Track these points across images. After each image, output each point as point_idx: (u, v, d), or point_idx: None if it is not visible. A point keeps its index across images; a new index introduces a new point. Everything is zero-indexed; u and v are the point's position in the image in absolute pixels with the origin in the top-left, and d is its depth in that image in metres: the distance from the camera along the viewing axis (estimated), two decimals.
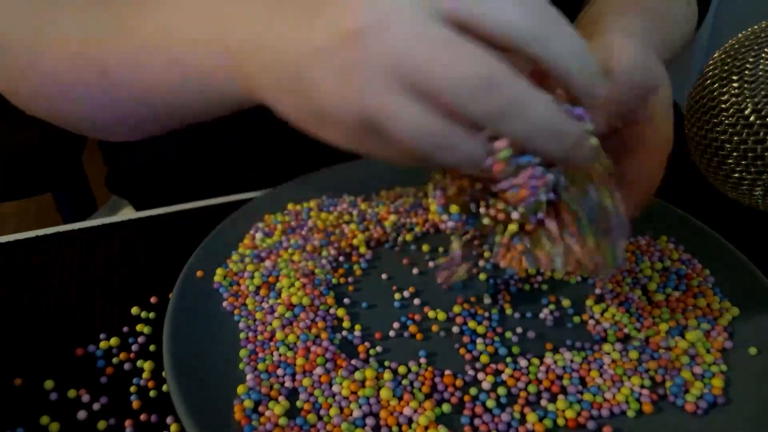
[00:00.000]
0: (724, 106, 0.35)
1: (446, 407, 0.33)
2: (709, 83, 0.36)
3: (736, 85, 0.35)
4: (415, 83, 0.25)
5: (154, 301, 0.40)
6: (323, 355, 0.35)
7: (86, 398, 0.34)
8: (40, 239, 0.45)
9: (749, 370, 0.35)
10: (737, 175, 0.36)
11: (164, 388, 0.35)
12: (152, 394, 0.35)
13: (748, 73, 0.34)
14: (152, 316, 0.39)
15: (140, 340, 0.37)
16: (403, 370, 0.35)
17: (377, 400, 0.33)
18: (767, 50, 0.34)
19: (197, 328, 0.36)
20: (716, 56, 0.37)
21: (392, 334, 0.38)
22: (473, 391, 0.34)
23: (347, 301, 0.40)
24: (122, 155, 0.62)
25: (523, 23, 0.25)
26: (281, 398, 0.33)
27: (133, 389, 0.35)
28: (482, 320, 0.39)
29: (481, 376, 0.35)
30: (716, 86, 0.36)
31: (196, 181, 0.58)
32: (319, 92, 0.27)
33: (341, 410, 0.33)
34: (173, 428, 0.33)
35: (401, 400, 0.33)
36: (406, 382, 0.34)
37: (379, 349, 0.37)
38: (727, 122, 0.35)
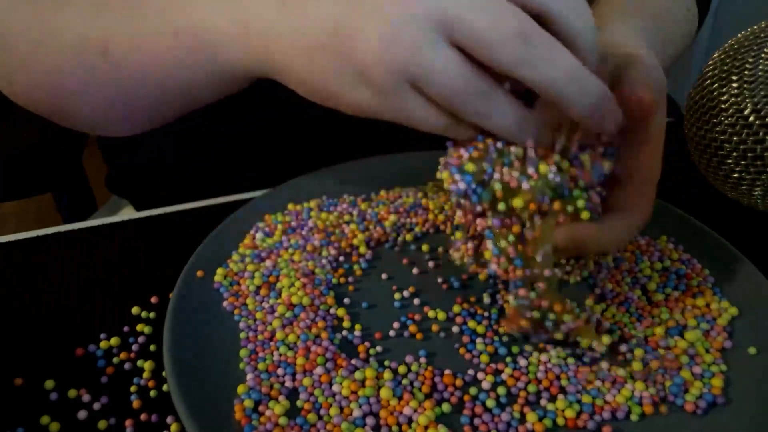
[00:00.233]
0: (723, 106, 0.35)
1: (446, 407, 0.33)
2: (708, 83, 0.36)
3: (735, 85, 0.35)
4: (458, 37, 0.28)
5: (154, 301, 0.40)
6: (323, 354, 0.35)
7: (86, 398, 0.34)
8: (40, 239, 0.45)
9: (749, 369, 0.35)
10: (736, 175, 0.36)
11: (164, 387, 0.35)
12: (152, 393, 0.35)
13: (747, 73, 0.34)
14: (152, 315, 0.39)
15: (140, 339, 0.37)
16: (403, 369, 0.35)
17: (377, 399, 0.33)
18: (767, 50, 0.34)
19: (197, 327, 0.36)
20: (716, 56, 0.37)
21: (392, 334, 0.38)
22: (473, 390, 0.34)
23: (347, 301, 0.40)
24: (122, 155, 0.62)
25: (515, 49, 0.28)
26: (281, 398, 0.33)
27: (133, 389, 0.35)
28: (482, 320, 0.39)
29: (480, 375, 0.35)
30: (716, 86, 0.36)
31: (196, 181, 0.58)
32: (362, 52, 0.29)
33: (341, 410, 0.33)
34: (173, 428, 0.33)
35: (401, 399, 0.33)
36: (406, 381, 0.34)
37: (379, 349, 0.37)
38: (726, 122, 0.35)
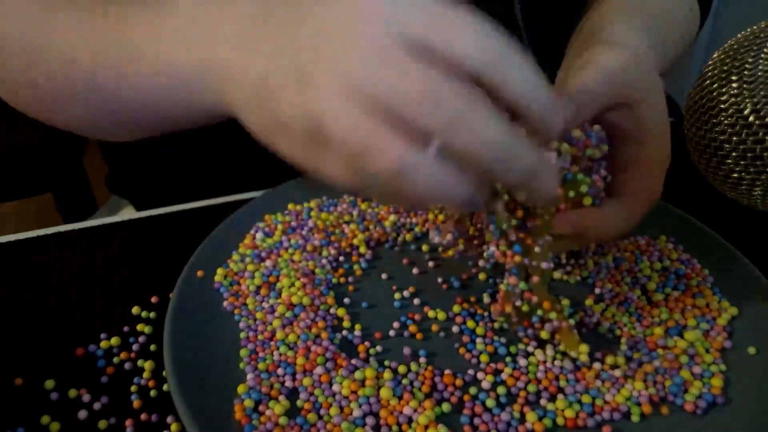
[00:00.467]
0: (723, 106, 0.35)
1: (446, 407, 0.33)
2: (708, 83, 0.36)
3: (735, 85, 0.35)
4: (369, 97, 0.26)
5: (154, 301, 0.40)
6: (323, 354, 0.35)
7: (87, 398, 0.34)
8: (40, 239, 0.45)
9: (748, 369, 0.35)
10: (736, 175, 0.36)
11: (165, 387, 0.35)
12: (153, 393, 0.35)
13: (747, 73, 0.34)
14: (153, 315, 0.39)
15: (141, 339, 0.37)
16: (403, 369, 0.35)
17: (377, 399, 0.33)
18: (766, 50, 0.34)
19: (198, 327, 0.36)
20: (716, 56, 0.37)
21: (392, 333, 0.38)
22: (473, 390, 0.34)
23: (347, 300, 0.40)
24: (123, 155, 0.62)
25: (480, 53, 0.26)
26: (281, 398, 0.33)
27: (133, 389, 0.35)
28: (482, 320, 0.39)
29: (480, 375, 0.35)
30: (715, 86, 0.36)
31: (196, 181, 0.58)
32: (278, 103, 0.28)
33: (341, 410, 0.33)
34: (174, 428, 0.33)
35: (401, 399, 0.33)
36: (406, 381, 0.34)
37: (379, 348, 0.37)
38: (726, 122, 0.35)
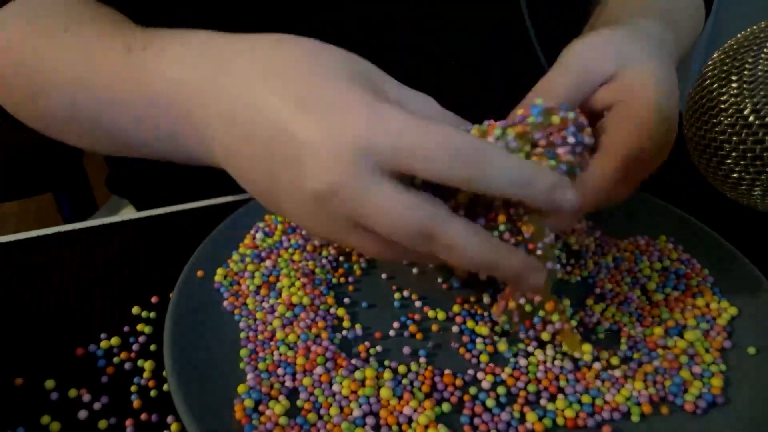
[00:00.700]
0: (723, 106, 0.35)
1: (446, 406, 0.33)
2: (708, 83, 0.36)
3: (735, 85, 0.35)
4: (367, 227, 0.29)
5: (154, 301, 0.40)
6: (323, 354, 0.35)
7: (87, 398, 0.34)
8: (40, 239, 0.45)
9: (748, 369, 0.35)
10: (736, 175, 0.36)
11: (165, 387, 0.35)
12: (153, 393, 0.35)
13: (747, 73, 0.34)
14: (153, 315, 0.39)
15: (141, 339, 0.38)
16: (403, 369, 0.35)
17: (377, 399, 0.33)
18: (766, 50, 0.34)
19: (198, 327, 0.36)
20: (715, 56, 0.37)
21: (392, 333, 0.38)
22: (473, 390, 0.34)
23: (347, 300, 0.40)
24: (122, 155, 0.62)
25: (454, 171, 0.28)
26: (281, 397, 0.33)
27: (133, 389, 0.35)
28: (482, 320, 0.39)
29: (480, 375, 0.35)
30: (715, 86, 0.36)
31: (196, 181, 0.58)
32: (289, 214, 0.32)
33: (341, 409, 0.33)
34: (174, 428, 0.33)
35: (401, 399, 0.33)
36: (406, 381, 0.34)
37: (379, 348, 0.37)
38: (726, 122, 0.35)
